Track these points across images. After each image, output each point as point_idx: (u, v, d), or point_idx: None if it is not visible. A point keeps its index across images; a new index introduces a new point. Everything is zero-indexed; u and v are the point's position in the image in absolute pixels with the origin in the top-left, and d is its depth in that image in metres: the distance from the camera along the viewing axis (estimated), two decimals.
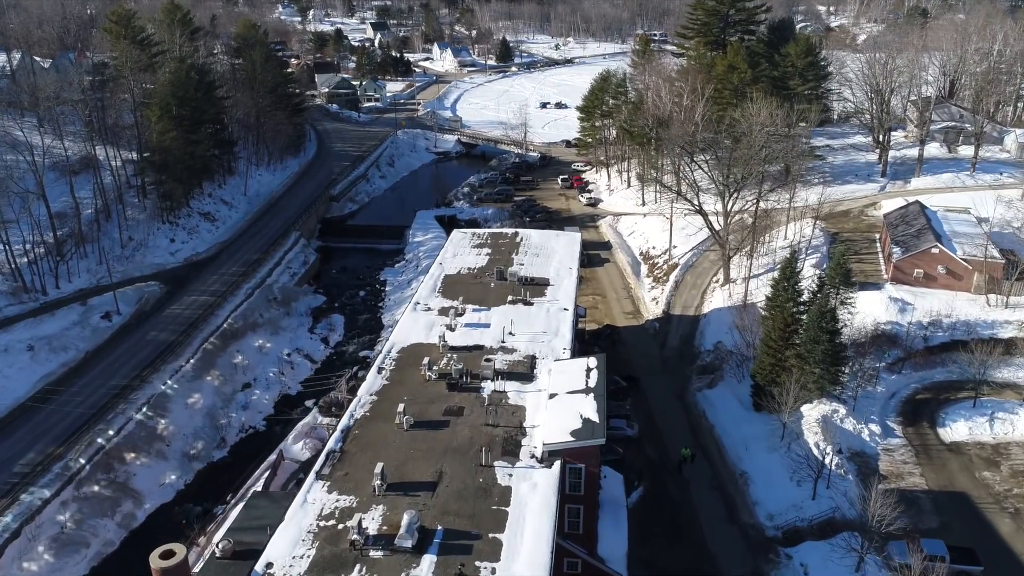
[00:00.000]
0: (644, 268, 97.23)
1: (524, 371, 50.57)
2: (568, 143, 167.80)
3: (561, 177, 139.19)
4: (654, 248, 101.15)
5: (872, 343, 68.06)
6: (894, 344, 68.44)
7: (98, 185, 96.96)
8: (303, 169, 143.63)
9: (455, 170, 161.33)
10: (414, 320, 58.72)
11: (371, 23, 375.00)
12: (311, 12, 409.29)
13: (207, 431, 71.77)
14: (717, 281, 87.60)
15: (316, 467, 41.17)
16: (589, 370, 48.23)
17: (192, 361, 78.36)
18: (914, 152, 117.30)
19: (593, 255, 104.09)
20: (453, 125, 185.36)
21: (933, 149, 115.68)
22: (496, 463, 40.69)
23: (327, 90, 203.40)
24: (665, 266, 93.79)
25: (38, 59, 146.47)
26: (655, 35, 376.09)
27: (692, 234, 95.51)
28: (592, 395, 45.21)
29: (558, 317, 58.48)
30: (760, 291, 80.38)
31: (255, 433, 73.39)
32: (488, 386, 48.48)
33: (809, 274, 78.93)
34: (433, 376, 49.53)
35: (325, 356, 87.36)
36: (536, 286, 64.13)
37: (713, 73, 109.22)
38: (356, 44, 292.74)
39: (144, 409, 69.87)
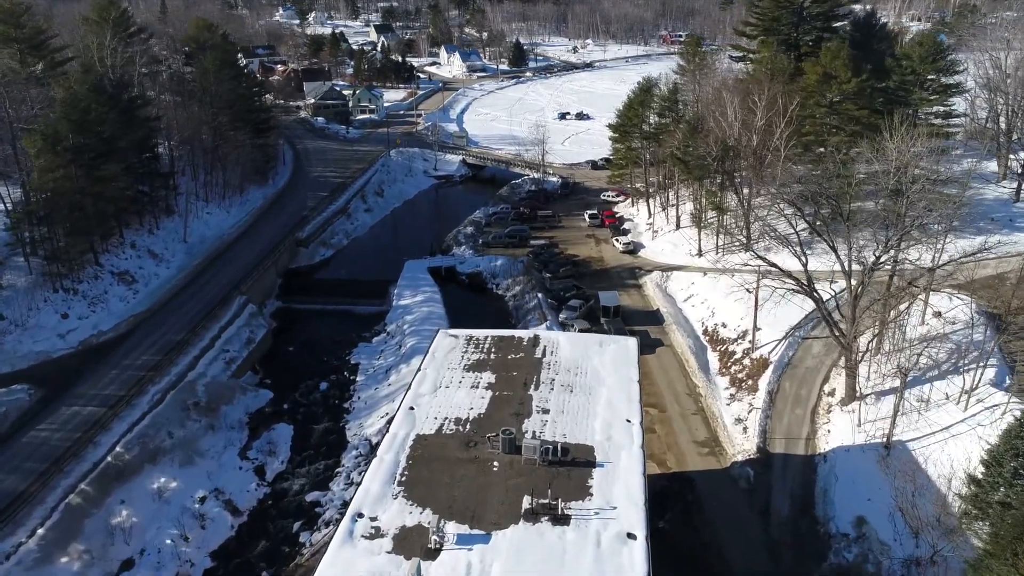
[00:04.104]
0: (714, 359, 69.10)
1: None
2: (595, 164, 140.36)
3: (588, 212, 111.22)
4: (724, 326, 73.01)
5: None
6: None
7: None
8: (270, 202, 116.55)
9: (459, 198, 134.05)
10: (348, 563, 31.05)
11: (375, 25, 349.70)
12: (312, 15, 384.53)
13: None
14: (830, 393, 59.43)
15: None
16: None
17: (42, 531, 51.21)
18: None
19: (638, 332, 76.15)
20: (458, 142, 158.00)
21: None
22: None
23: (313, 101, 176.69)
24: (748, 361, 65.60)
25: None
26: (679, 36, 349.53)
27: (783, 314, 67.05)
28: None
29: (618, 562, 30.69)
30: (911, 423, 52.24)
31: None
32: None
33: (990, 398, 50.96)
34: None
35: (256, 501, 59.82)
36: (572, 470, 36.40)
37: (801, 83, 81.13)
38: (356, 48, 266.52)
39: None
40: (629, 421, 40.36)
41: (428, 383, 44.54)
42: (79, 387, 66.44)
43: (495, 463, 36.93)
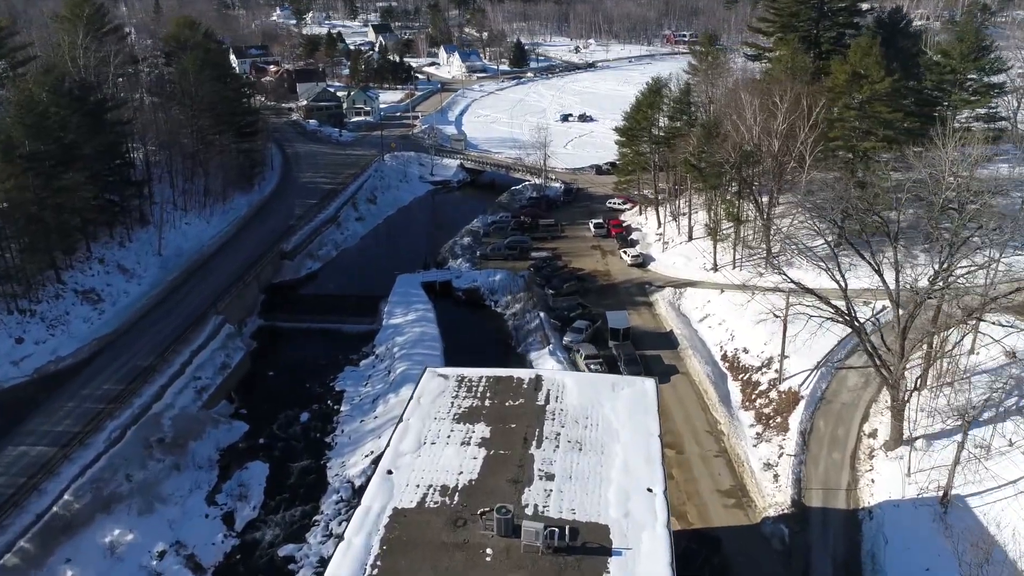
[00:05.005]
0: (736, 390, 62.22)
1: None
2: (599, 169, 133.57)
3: (594, 222, 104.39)
4: (745, 351, 66.13)
5: None
6: None
7: None
8: (255, 210, 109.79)
9: (456, 205, 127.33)
10: None
11: (373, 25, 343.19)
12: (309, 14, 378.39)
13: None
14: (871, 434, 52.52)
15: None
16: None
17: None
18: None
19: (650, 357, 69.40)
20: (456, 145, 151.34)
21: None
22: None
23: (305, 102, 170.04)
24: (775, 393, 58.72)
25: None
26: (683, 35, 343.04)
27: (812, 339, 59.82)
28: None
29: None
30: (971, 474, 45.31)
31: None
32: None
33: None
34: None
35: (222, 555, 52.97)
36: (583, 559, 29.60)
37: (827, 83, 74.36)
38: (353, 48, 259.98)
39: None
40: (651, 490, 33.51)
41: (411, 438, 37.68)
42: (30, 422, 59.71)
43: (488, 550, 30.10)
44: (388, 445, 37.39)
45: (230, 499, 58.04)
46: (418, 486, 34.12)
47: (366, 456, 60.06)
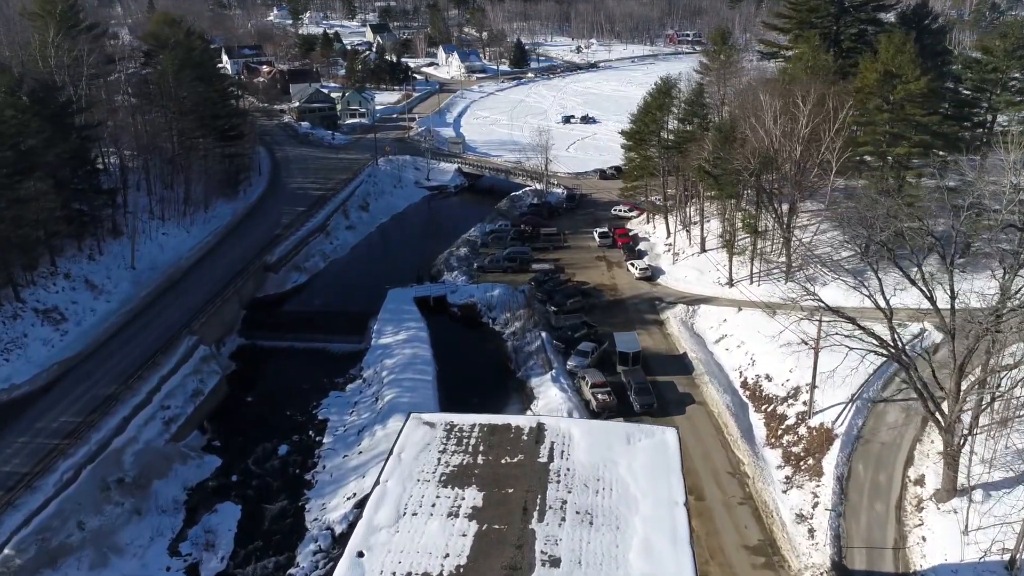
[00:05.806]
0: (759, 424, 56.04)
1: None
2: (603, 173, 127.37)
3: (598, 230, 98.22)
4: (768, 379, 59.95)
5: None
6: None
7: None
8: (239, 219, 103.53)
9: (453, 212, 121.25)
10: None
11: (371, 25, 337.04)
12: (307, 14, 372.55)
13: None
14: (918, 481, 46.33)
15: None
16: None
17: None
18: None
19: (663, 384, 63.22)
20: (454, 148, 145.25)
21: None
22: None
23: (297, 104, 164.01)
24: (804, 430, 52.52)
25: None
26: (686, 35, 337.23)
27: (843, 366, 53.50)
28: None
29: None
30: None
31: None
32: None
33: None
34: None
35: None
36: None
37: (855, 83, 68.24)
38: (350, 48, 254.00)
39: None
40: None
41: (388, 508, 31.49)
42: None
43: None
44: (361, 517, 31.22)
45: (196, 548, 52.07)
46: (394, 574, 27.99)
47: (348, 499, 54.17)
